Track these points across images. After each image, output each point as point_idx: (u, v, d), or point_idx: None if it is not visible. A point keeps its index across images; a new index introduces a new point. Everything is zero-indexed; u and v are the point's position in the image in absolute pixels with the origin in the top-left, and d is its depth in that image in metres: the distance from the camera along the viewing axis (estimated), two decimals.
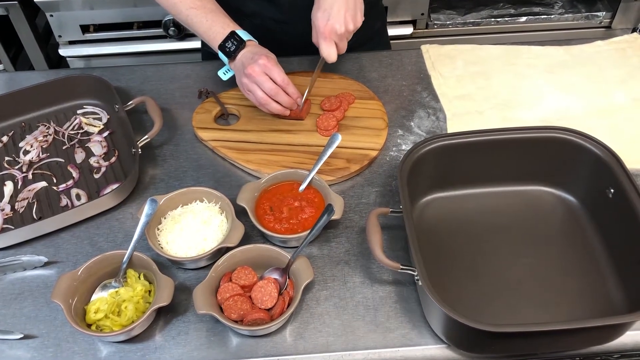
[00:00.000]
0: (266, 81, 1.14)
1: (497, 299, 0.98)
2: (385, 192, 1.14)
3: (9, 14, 1.98)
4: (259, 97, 1.16)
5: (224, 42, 1.16)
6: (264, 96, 1.15)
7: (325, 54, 1.16)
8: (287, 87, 1.16)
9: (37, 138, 1.26)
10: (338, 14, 1.13)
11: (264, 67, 1.13)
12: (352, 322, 0.96)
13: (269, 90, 1.15)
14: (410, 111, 1.29)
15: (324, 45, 1.16)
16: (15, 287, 1.02)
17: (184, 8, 1.19)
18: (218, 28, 1.17)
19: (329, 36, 1.14)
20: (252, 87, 1.15)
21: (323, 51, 1.16)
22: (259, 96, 1.16)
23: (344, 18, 1.14)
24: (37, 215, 1.12)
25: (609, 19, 2.11)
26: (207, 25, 1.18)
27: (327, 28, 1.14)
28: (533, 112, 1.28)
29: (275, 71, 1.14)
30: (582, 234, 1.06)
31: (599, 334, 0.90)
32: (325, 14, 1.14)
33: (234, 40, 1.16)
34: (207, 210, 1.07)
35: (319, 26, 1.15)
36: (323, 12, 1.14)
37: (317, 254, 1.05)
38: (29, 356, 0.94)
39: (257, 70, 1.13)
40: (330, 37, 1.15)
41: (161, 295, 0.93)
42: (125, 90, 1.36)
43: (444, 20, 2.10)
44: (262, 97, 1.16)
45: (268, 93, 1.15)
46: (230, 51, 1.16)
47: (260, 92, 1.15)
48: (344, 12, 1.14)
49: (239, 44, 1.16)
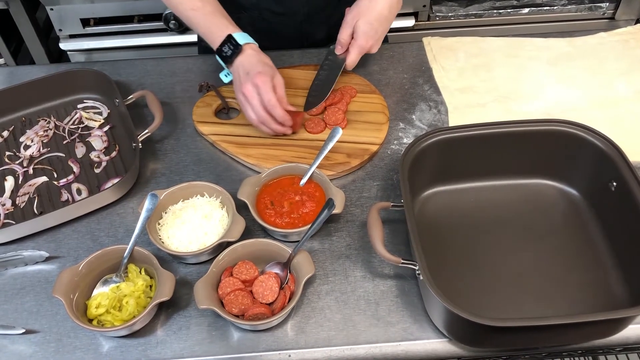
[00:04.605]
0: (258, 105, 1.12)
1: (498, 293, 0.98)
2: (386, 186, 1.14)
3: (9, 8, 1.97)
4: (251, 119, 1.15)
5: (221, 46, 1.15)
6: (255, 119, 1.15)
7: (352, 63, 1.23)
8: (273, 110, 1.13)
9: (37, 133, 1.25)
10: (380, 37, 1.21)
11: (257, 87, 1.11)
12: (353, 316, 0.96)
13: (259, 116, 1.14)
14: (412, 104, 1.29)
15: (356, 56, 1.23)
16: (16, 282, 1.03)
17: (184, 10, 1.19)
18: (216, 30, 1.16)
19: (364, 52, 1.22)
20: (246, 107, 1.15)
21: (352, 59, 1.23)
22: (252, 118, 1.15)
23: (380, 41, 1.22)
24: (38, 210, 1.12)
25: (613, 10, 2.09)
26: (206, 28, 1.18)
27: (367, 44, 1.21)
28: (535, 104, 1.27)
29: (265, 92, 1.11)
30: (584, 227, 1.06)
31: (601, 328, 0.90)
32: (373, 32, 1.19)
33: (230, 44, 1.15)
34: (208, 205, 1.06)
35: (361, 39, 1.20)
36: (371, 29, 1.19)
37: (318, 248, 1.05)
38: (30, 351, 0.94)
39: (250, 90, 1.12)
40: (364, 52, 1.22)
41: (162, 290, 0.93)
42: (125, 84, 1.35)
43: (446, 12, 2.09)
44: (254, 119, 1.15)
45: (258, 119, 1.14)
46: (227, 56, 1.15)
47: (253, 114, 1.14)
48: (383, 36, 1.22)
49: (235, 49, 1.14)
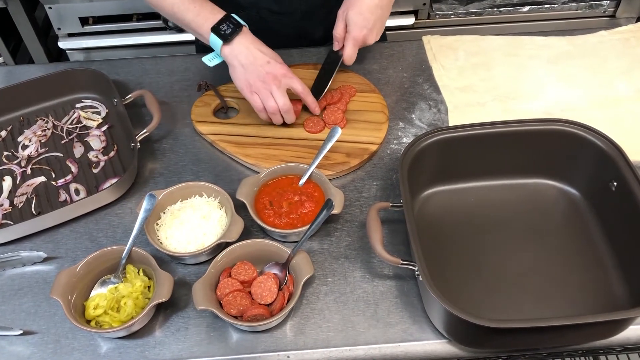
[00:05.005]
0: (283, 96, 1.09)
1: (498, 293, 0.98)
2: (386, 186, 1.14)
3: (8, 7, 1.96)
4: (269, 106, 1.10)
5: (219, 24, 1.10)
6: (274, 107, 1.10)
7: (349, 58, 1.20)
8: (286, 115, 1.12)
9: (35, 132, 1.25)
10: (374, 26, 1.16)
11: (283, 77, 1.07)
12: (353, 317, 0.96)
13: (270, 109, 1.10)
14: (412, 103, 1.28)
15: (351, 49, 1.19)
16: (14, 283, 1.02)
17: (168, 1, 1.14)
18: (207, 14, 1.11)
19: (360, 44, 1.18)
20: (265, 94, 1.10)
21: (348, 53, 1.19)
22: (270, 105, 1.10)
23: (377, 32, 1.18)
24: (36, 211, 1.12)
25: (613, 8, 2.08)
26: (195, 12, 1.12)
27: (361, 34, 1.17)
28: (535, 103, 1.26)
29: (296, 83, 1.10)
30: (585, 227, 1.05)
31: (602, 329, 0.89)
32: (365, 22, 1.15)
33: (230, 23, 1.10)
34: (207, 205, 1.06)
35: (354, 30, 1.16)
36: (363, 19, 1.15)
37: (317, 248, 1.05)
38: (28, 352, 0.94)
39: (279, 79, 1.07)
40: (359, 45, 1.18)
41: (160, 291, 0.93)
42: (123, 83, 1.35)
43: (446, 10, 2.08)
44: (272, 106, 1.10)
45: (281, 108, 1.10)
46: (226, 34, 1.09)
47: (272, 102, 1.10)
48: (379, 25, 1.17)
49: (235, 27, 1.09)
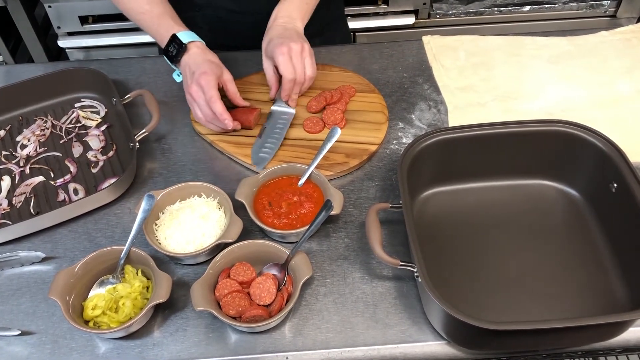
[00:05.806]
0: (204, 104, 1.13)
1: (498, 294, 0.97)
2: (385, 186, 1.13)
3: (7, 5, 1.96)
4: (199, 118, 1.17)
5: (167, 46, 1.16)
6: (202, 118, 1.16)
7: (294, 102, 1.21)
8: (213, 106, 1.13)
9: (34, 132, 1.24)
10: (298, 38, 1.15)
11: (201, 87, 1.12)
12: (352, 318, 0.95)
13: (206, 115, 1.15)
14: (411, 103, 1.28)
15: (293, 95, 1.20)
16: (12, 283, 1.02)
17: (134, 14, 1.21)
18: (163, 32, 1.18)
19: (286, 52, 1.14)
20: (193, 106, 1.16)
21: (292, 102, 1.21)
22: (199, 117, 1.17)
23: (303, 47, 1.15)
24: (35, 210, 1.12)
25: (614, 8, 2.08)
26: (154, 30, 1.19)
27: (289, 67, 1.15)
28: (536, 103, 1.26)
29: (207, 90, 1.12)
30: (585, 228, 1.05)
31: (602, 331, 0.89)
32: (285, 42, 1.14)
33: (175, 44, 1.16)
34: (206, 205, 1.06)
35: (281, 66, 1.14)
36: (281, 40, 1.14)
37: (317, 249, 1.04)
38: (26, 353, 0.93)
39: (196, 90, 1.13)
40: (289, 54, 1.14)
41: (159, 291, 0.92)
42: (123, 83, 1.34)
43: (447, 10, 2.08)
44: (201, 118, 1.16)
45: (205, 117, 1.15)
46: (173, 56, 1.16)
47: (200, 113, 1.16)
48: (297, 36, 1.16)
49: (179, 48, 1.15)
